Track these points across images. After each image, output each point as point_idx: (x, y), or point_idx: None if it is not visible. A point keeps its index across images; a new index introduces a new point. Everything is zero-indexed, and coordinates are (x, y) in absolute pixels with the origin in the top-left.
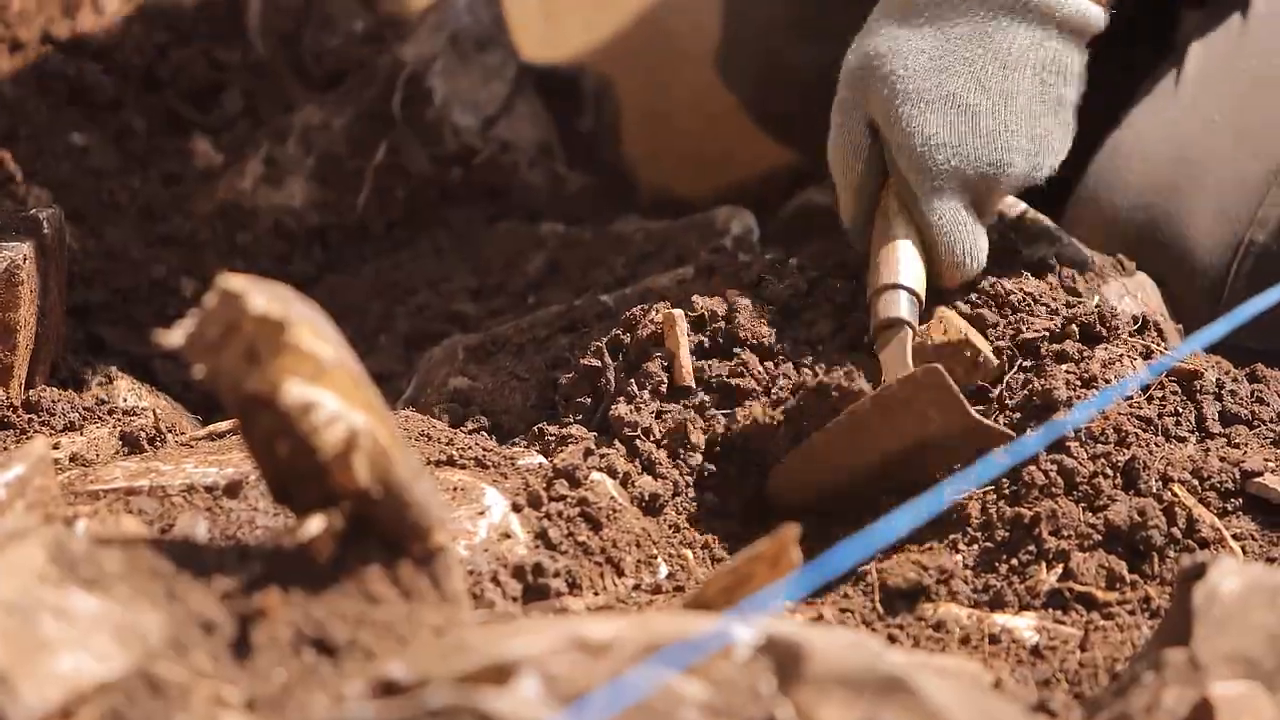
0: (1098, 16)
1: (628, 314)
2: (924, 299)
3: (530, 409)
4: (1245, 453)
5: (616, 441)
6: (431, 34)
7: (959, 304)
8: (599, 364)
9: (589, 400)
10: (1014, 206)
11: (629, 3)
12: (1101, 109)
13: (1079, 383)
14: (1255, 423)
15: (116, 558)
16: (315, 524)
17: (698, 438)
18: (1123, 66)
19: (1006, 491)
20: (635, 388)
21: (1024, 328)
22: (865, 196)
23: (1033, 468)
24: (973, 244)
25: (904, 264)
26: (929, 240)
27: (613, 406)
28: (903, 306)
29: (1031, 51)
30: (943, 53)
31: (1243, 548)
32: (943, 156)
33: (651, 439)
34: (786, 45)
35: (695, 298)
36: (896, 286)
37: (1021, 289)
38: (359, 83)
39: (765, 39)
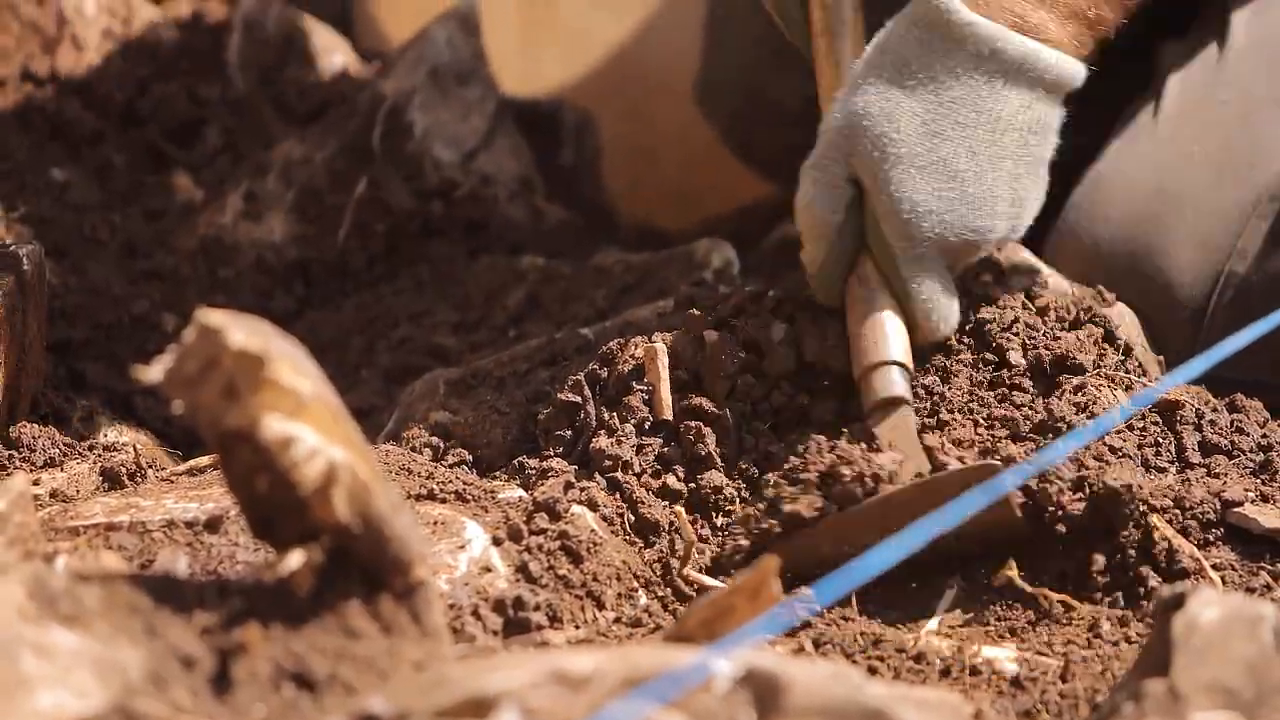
0: (1080, 73)
1: (605, 347)
2: (913, 371)
3: (511, 442)
4: (1225, 483)
5: (597, 475)
6: (411, 68)
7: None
8: (578, 398)
9: (569, 433)
10: None
11: (608, 37)
12: (1080, 141)
13: (1067, 413)
14: (1235, 453)
15: (96, 594)
16: (295, 559)
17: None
18: (1100, 98)
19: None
20: (616, 421)
21: (1005, 356)
22: (839, 251)
23: (1017, 496)
24: (948, 310)
25: (892, 339)
26: (907, 308)
27: (593, 440)
28: (897, 384)
29: (1019, 114)
30: (935, 116)
31: (1222, 578)
32: (928, 224)
33: (632, 472)
34: (767, 77)
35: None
36: (889, 363)
37: (1002, 318)
38: (339, 117)
39: (745, 71)
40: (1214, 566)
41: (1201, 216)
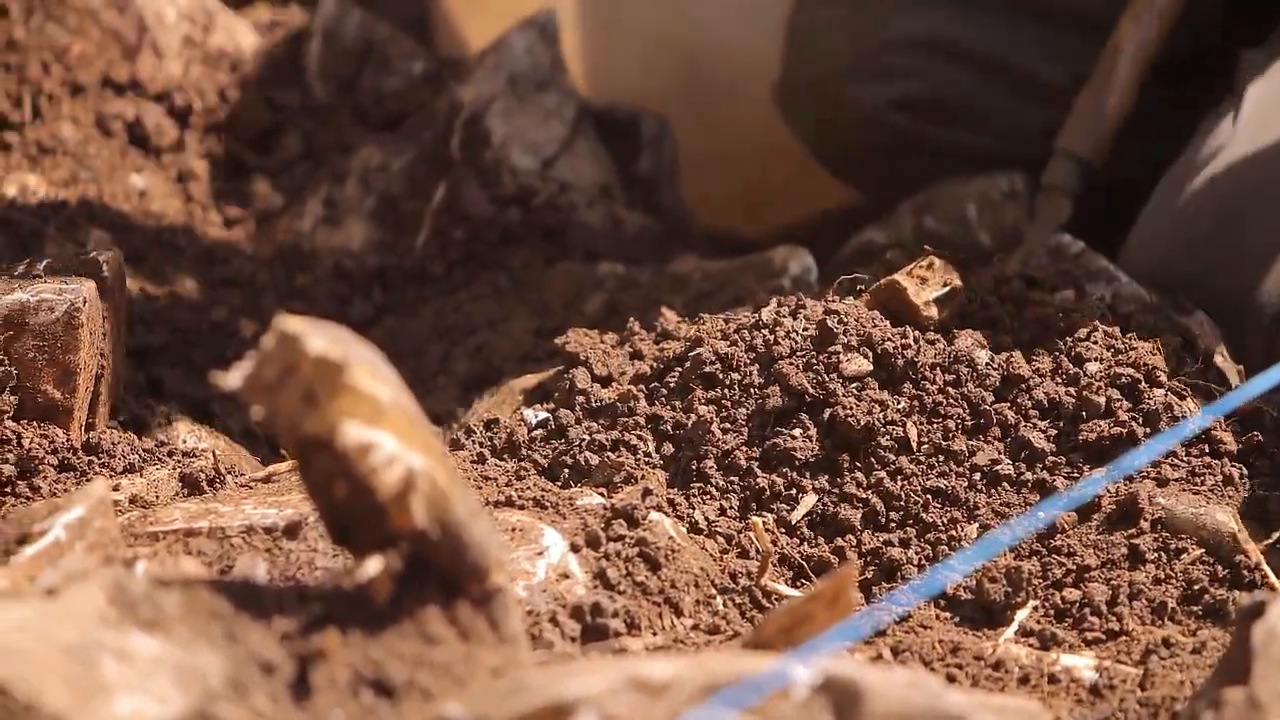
0: None
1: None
2: None
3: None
4: None
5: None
6: (490, 75)
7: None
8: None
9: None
10: (1072, 245)
11: (687, 42)
12: (1163, 148)
13: (1139, 423)
14: None
15: (176, 599)
16: (373, 565)
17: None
18: (1180, 106)
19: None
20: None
21: (1083, 369)
22: None
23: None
24: None
25: None
26: None
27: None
28: None
29: None
30: None
31: None
32: None
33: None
34: (849, 82)
35: None
36: None
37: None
38: (418, 124)
39: (828, 76)
40: None
41: (1274, 221)
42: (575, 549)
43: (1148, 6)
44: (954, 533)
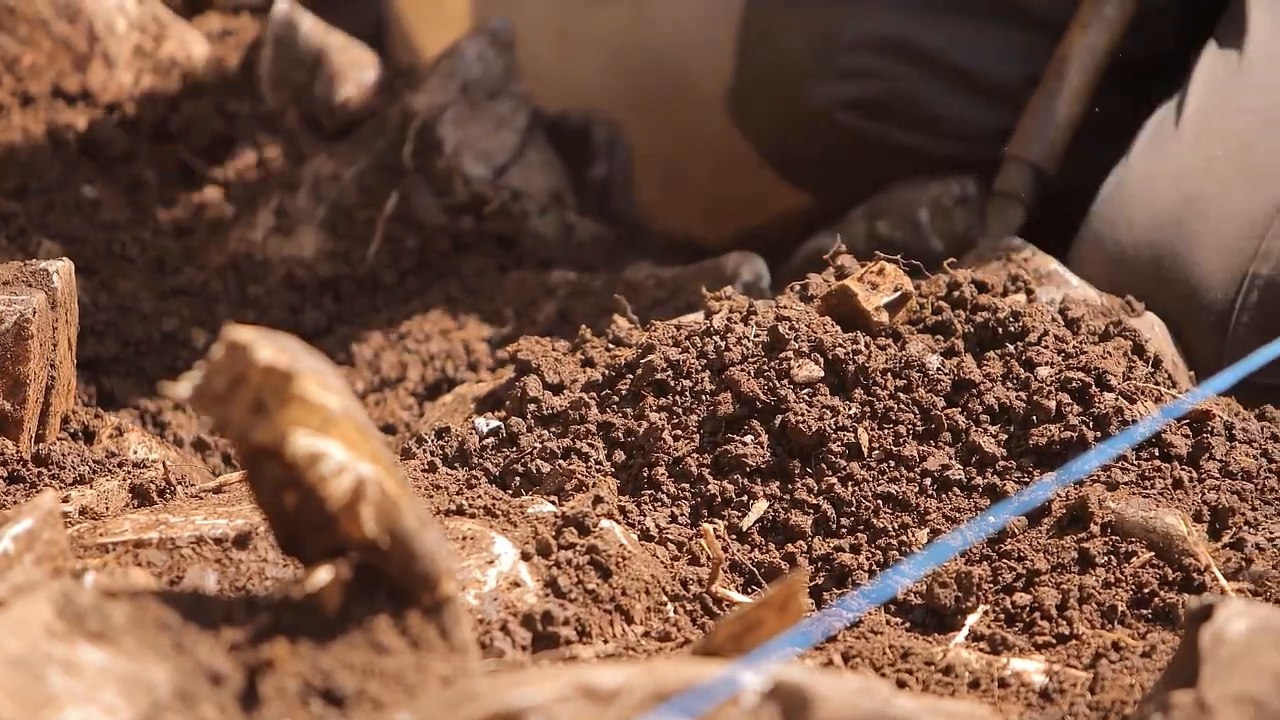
0: None
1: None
2: None
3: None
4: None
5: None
6: (442, 83)
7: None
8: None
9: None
10: (1023, 249)
11: (642, 49)
12: (1111, 150)
13: (1089, 427)
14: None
15: (124, 610)
16: (323, 574)
17: None
18: (1135, 110)
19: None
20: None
21: (1033, 373)
22: None
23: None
24: None
25: None
26: None
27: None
28: None
29: None
30: None
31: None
32: None
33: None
34: (801, 85)
35: None
36: None
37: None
38: (370, 133)
39: (780, 79)
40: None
41: (1225, 220)
42: (526, 557)
43: (1095, 15)
44: (905, 538)
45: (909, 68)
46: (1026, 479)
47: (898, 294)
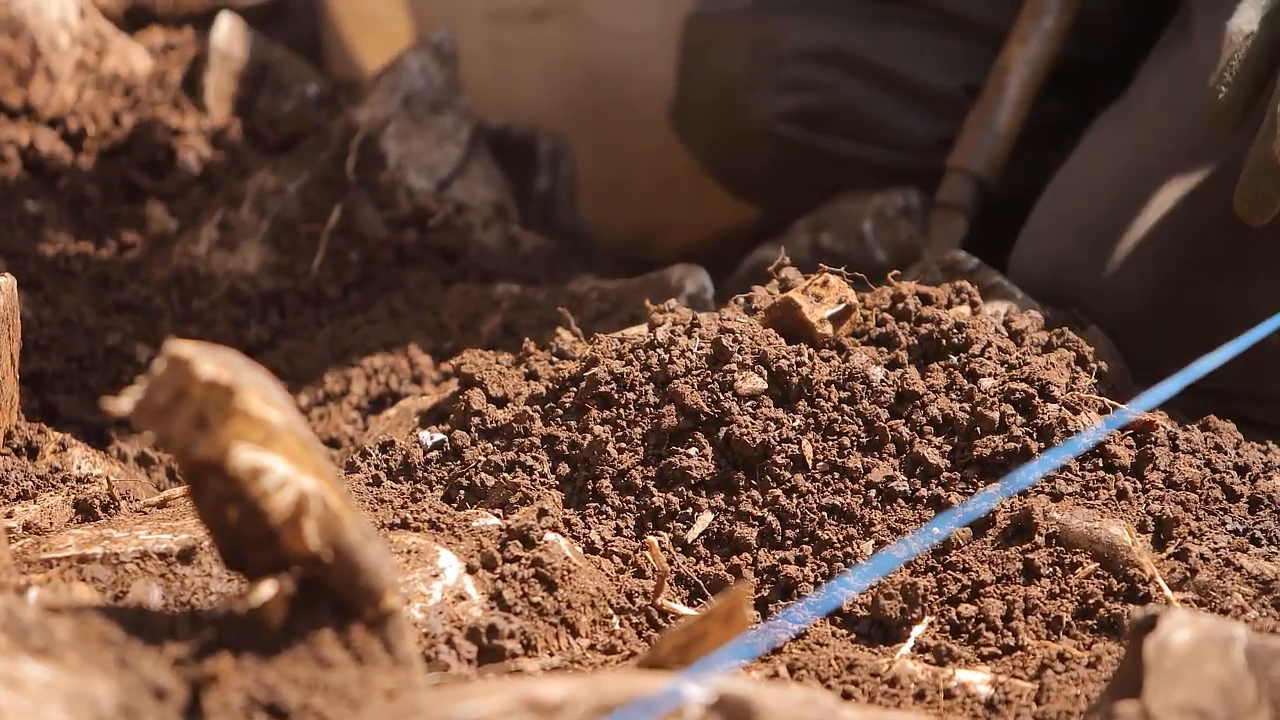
0: None
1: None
2: None
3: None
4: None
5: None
6: (385, 97)
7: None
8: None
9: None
10: (967, 261)
11: (582, 63)
12: (1058, 163)
13: (1033, 438)
14: (1209, 479)
15: (68, 626)
16: (267, 589)
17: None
18: (1079, 118)
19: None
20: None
21: (977, 384)
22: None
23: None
24: None
25: None
26: None
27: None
28: None
29: None
30: None
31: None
32: None
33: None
34: (743, 96)
35: None
36: None
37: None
38: (312, 147)
39: (722, 91)
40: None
41: (1158, 222)
42: (471, 570)
43: (1034, 27)
44: (850, 549)
45: (850, 79)
46: (970, 490)
47: (842, 306)
